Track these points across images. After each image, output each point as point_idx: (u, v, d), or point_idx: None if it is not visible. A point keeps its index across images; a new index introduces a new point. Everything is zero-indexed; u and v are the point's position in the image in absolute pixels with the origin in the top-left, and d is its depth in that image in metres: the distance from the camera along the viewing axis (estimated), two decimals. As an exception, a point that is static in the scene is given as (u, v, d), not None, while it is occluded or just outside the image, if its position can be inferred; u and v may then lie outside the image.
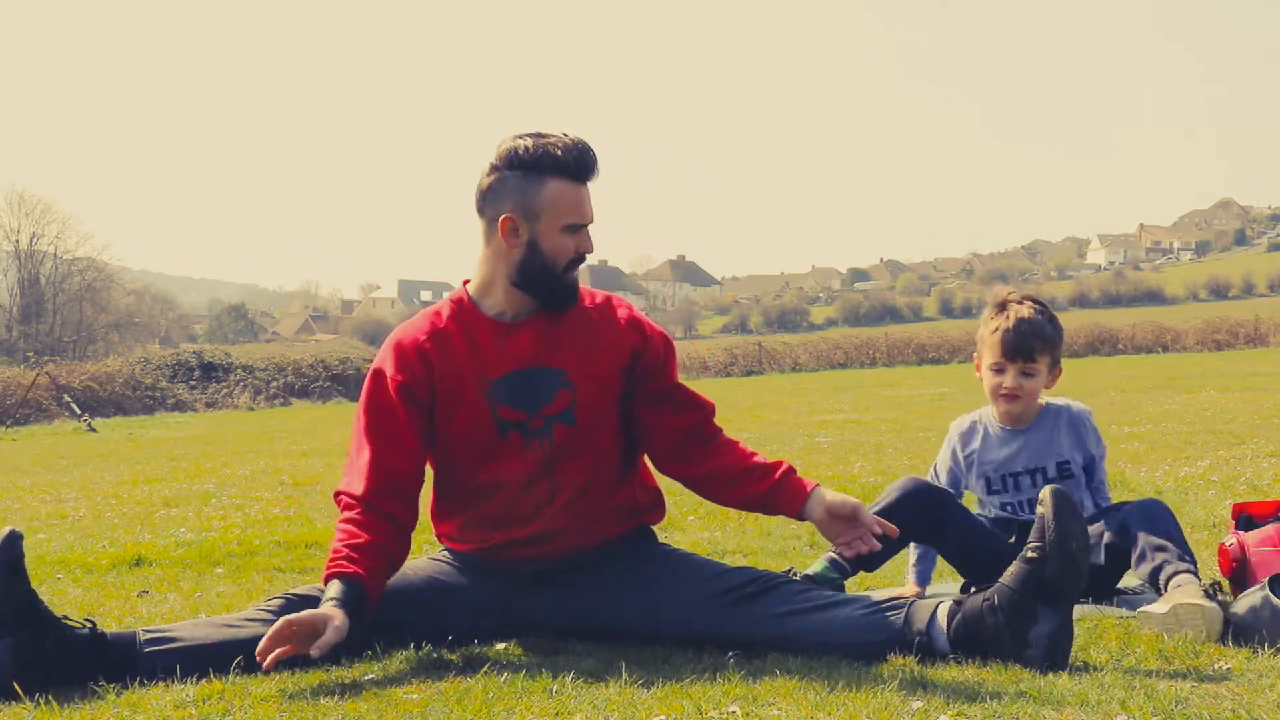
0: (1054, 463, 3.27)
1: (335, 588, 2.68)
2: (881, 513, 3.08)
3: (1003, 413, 3.30)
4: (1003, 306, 3.27)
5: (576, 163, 2.78)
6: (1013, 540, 3.26)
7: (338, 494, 2.88)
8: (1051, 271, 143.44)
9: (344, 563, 2.72)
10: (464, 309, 2.90)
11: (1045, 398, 3.34)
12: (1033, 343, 3.19)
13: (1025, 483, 3.30)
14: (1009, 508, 3.33)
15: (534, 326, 2.87)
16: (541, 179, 2.77)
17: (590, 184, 2.84)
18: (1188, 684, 2.32)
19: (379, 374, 2.89)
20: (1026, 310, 3.23)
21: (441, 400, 2.86)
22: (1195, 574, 2.89)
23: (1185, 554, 2.95)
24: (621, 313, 2.96)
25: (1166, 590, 2.87)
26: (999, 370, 3.24)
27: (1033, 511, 3.14)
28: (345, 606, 2.64)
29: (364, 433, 2.87)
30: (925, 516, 3.21)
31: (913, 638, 2.61)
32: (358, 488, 2.82)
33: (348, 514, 2.81)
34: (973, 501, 3.44)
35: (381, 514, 2.79)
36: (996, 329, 3.23)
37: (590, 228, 2.86)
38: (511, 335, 2.86)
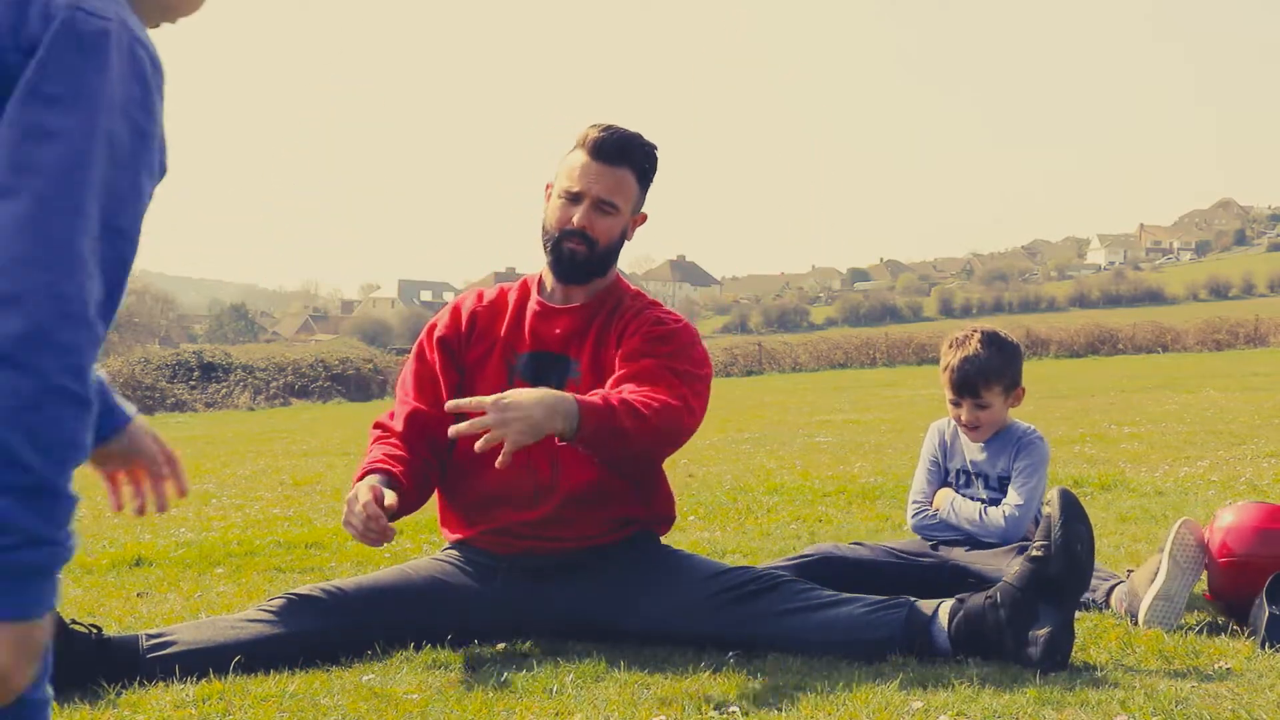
0: (995, 475, 3.47)
1: (374, 478, 2.80)
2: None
3: (969, 438, 3.53)
4: (953, 344, 3.52)
5: (598, 140, 2.90)
6: (933, 545, 3.43)
7: (376, 423, 3.03)
8: (1051, 271, 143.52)
9: (383, 461, 2.86)
10: (526, 286, 3.08)
11: (1014, 415, 3.54)
12: (976, 381, 3.40)
13: (972, 480, 3.51)
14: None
15: (572, 315, 2.98)
16: (573, 151, 2.95)
17: (619, 168, 2.90)
18: (1188, 684, 2.33)
19: (431, 326, 3.10)
20: (972, 348, 3.44)
21: (472, 360, 3.01)
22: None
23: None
24: (638, 309, 2.99)
25: (1112, 594, 3.04)
26: (956, 404, 3.48)
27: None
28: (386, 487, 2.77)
29: (411, 377, 3.05)
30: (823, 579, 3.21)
31: (914, 636, 2.61)
32: (397, 425, 2.98)
33: (385, 439, 2.96)
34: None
35: (415, 451, 2.93)
36: (946, 367, 3.48)
37: (602, 212, 2.89)
38: (552, 318, 2.98)
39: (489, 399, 2.57)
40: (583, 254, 2.91)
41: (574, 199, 2.90)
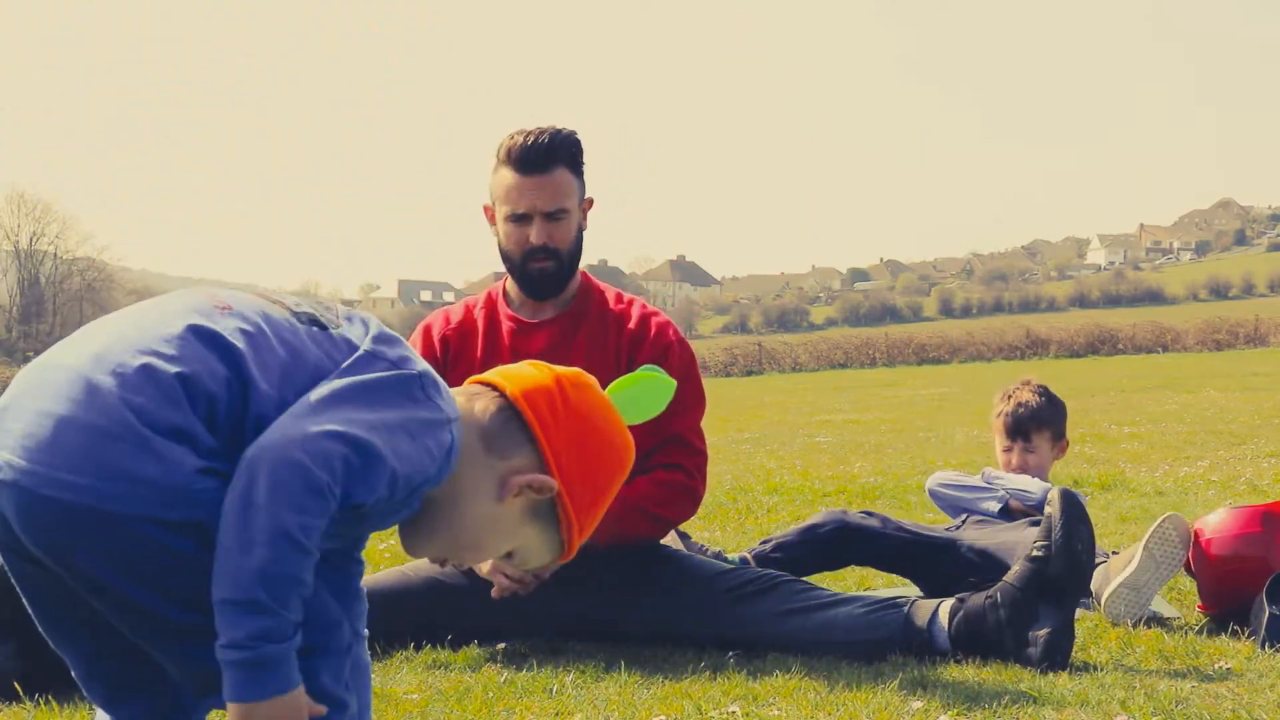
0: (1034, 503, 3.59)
1: None
2: (780, 545, 3.37)
3: None
4: (1005, 395, 3.76)
5: (520, 153, 2.83)
6: (960, 524, 3.47)
7: None
8: (1051, 271, 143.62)
9: None
10: (492, 304, 3.01)
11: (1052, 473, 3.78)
12: (1029, 424, 3.66)
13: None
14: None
15: (552, 328, 2.94)
16: (499, 168, 2.88)
17: (552, 172, 2.83)
18: (1188, 684, 2.33)
19: None
20: (1024, 395, 3.71)
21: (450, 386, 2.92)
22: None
23: None
24: (634, 318, 2.97)
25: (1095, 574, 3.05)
26: (1007, 450, 3.70)
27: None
28: None
29: None
30: (829, 547, 3.34)
31: (914, 636, 2.61)
32: None
33: None
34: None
35: None
36: (999, 414, 3.72)
37: (554, 221, 2.85)
38: (529, 335, 2.94)
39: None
40: (552, 268, 2.89)
41: (521, 219, 2.86)
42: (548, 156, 2.83)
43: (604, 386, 2.93)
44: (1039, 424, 3.63)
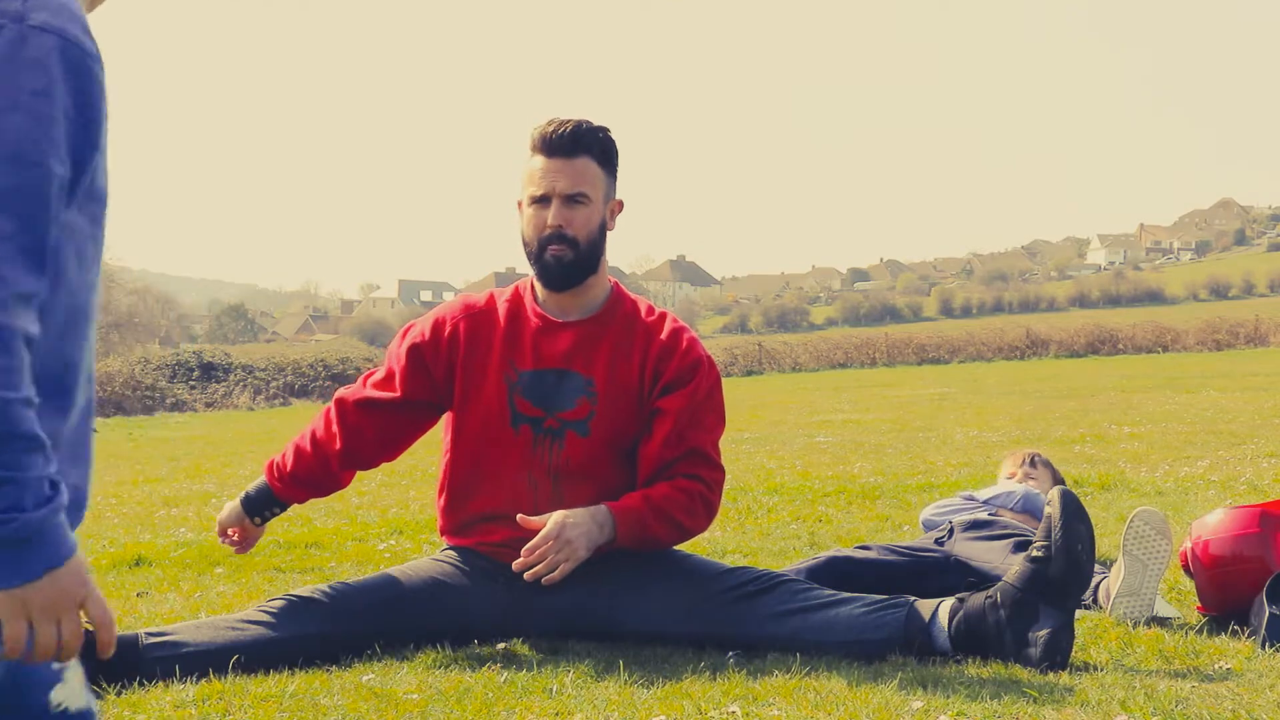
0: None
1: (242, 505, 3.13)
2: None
3: None
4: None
5: (546, 137, 2.84)
6: (949, 533, 3.53)
7: (337, 399, 3.09)
8: (1051, 271, 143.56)
9: (276, 475, 3.11)
10: (519, 298, 2.98)
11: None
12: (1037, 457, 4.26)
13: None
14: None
15: (577, 330, 2.92)
16: (529, 157, 2.89)
17: (577, 158, 2.83)
18: (1188, 684, 2.33)
19: (407, 330, 3.06)
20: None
21: (461, 378, 2.93)
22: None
23: None
24: (665, 331, 2.96)
25: (1099, 590, 3.09)
26: (1010, 476, 4.16)
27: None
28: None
29: (383, 369, 3.05)
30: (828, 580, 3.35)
31: (914, 636, 2.62)
32: (353, 394, 3.05)
33: (326, 418, 3.07)
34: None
35: (342, 438, 3.02)
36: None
37: (573, 205, 2.84)
38: (553, 334, 2.91)
39: (552, 531, 2.71)
40: (568, 256, 2.85)
41: (542, 202, 2.84)
42: (574, 142, 2.83)
43: (627, 394, 2.95)
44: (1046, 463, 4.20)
